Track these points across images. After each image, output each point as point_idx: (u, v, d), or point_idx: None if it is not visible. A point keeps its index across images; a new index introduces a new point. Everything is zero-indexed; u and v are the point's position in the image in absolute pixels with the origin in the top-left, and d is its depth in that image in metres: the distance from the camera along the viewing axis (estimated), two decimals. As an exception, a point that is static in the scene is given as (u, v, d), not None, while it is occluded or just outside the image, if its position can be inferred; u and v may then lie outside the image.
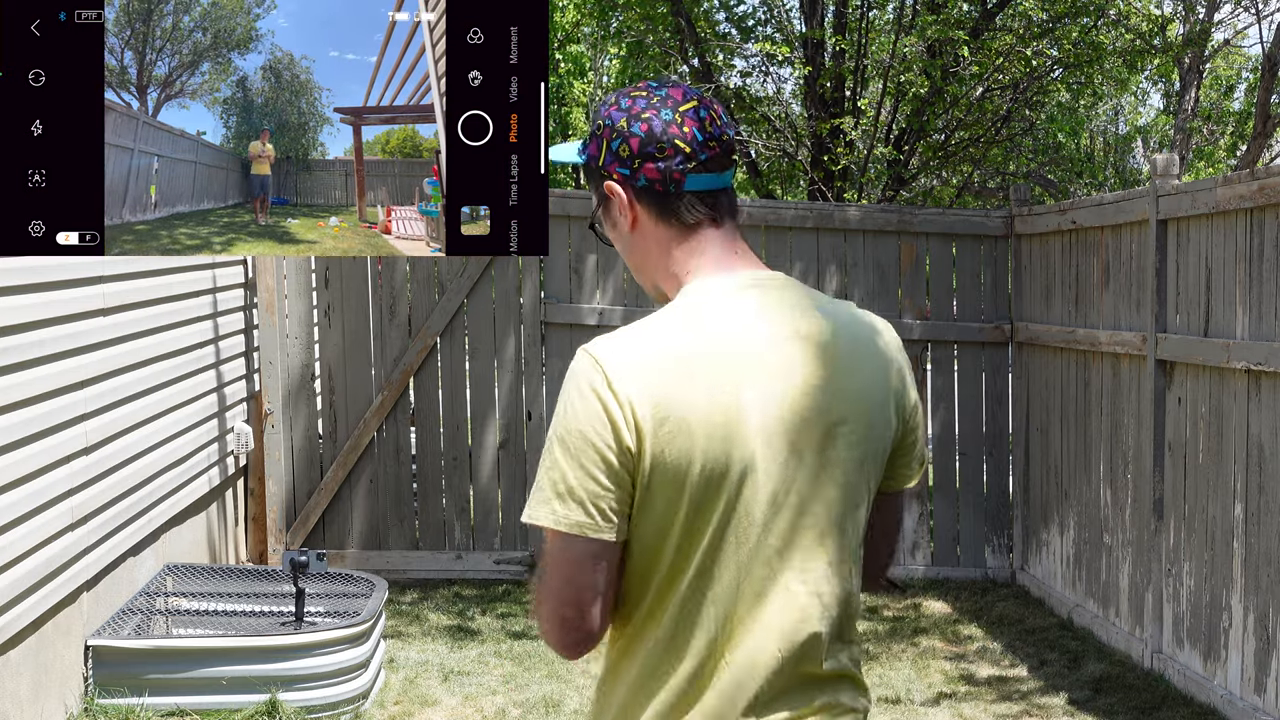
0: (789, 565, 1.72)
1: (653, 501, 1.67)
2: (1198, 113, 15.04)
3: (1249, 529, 5.08)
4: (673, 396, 1.65)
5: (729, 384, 1.68)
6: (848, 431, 1.75)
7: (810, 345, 1.74)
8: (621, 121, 1.78)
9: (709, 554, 1.69)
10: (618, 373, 1.66)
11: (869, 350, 1.81)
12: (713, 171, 1.78)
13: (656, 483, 1.66)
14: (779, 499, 1.70)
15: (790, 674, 1.72)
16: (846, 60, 10.34)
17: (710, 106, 1.81)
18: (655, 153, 1.76)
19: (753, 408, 1.68)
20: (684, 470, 1.66)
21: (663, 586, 1.71)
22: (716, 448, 1.66)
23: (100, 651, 4.93)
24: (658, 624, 1.72)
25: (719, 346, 1.70)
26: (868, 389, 1.78)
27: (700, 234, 1.79)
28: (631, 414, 1.65)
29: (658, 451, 1.65)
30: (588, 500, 1.65)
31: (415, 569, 7.43)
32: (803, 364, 1.72)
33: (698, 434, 1.65)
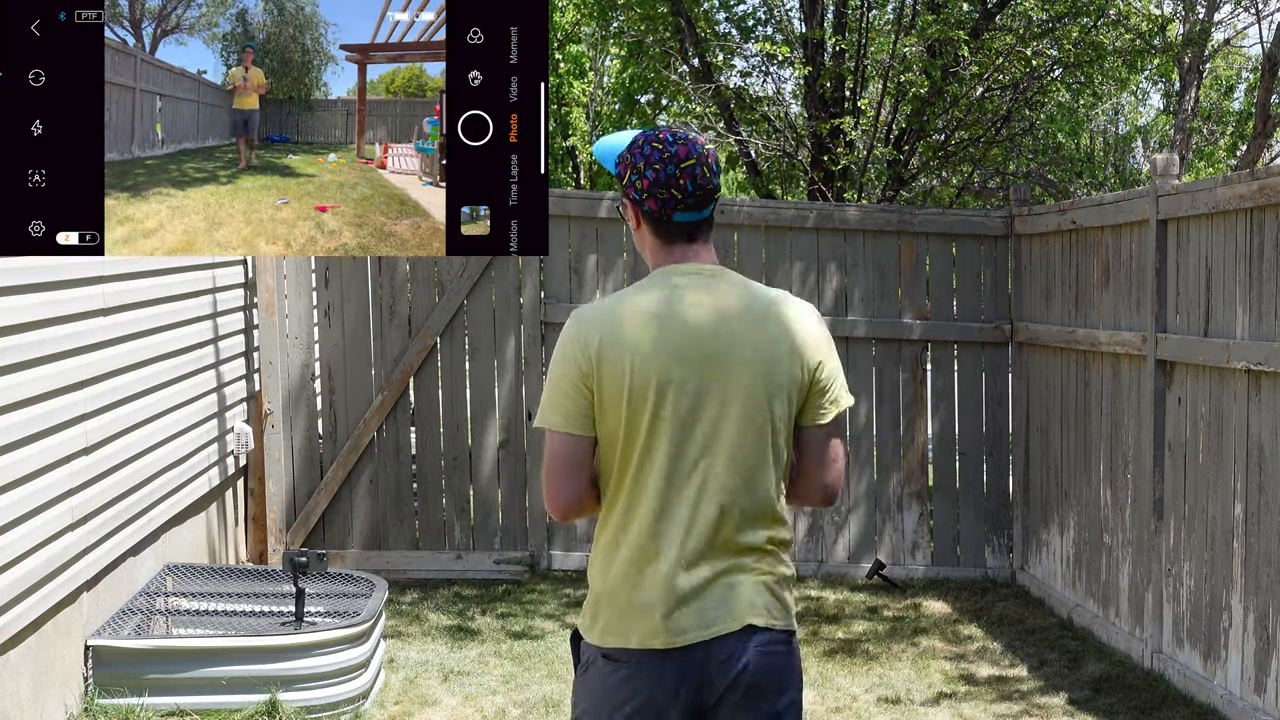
0: (706, 457, 2.47)
1: (605, 410, 2.47)
2: (1198, 113, 15.03)
3: (1249, 529, 5.08)
4: (618, 338, 2.46)
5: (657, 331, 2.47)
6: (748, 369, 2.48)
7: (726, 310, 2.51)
8: (640, 164, 2.52)
9: (645, 448, 2.47)
10: (585, 327, 2.50)
11: (778, 320, 2.53)
12: (694, 210, 2.54)
13: (606, 397, 2.46)
14: (695, 410, 2.47)
15: (711, 540, 2.47)
16: (846, 60, 10.34)
17: (706, 161, 2.52)
18: (658, 193, 2.51)
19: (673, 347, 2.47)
20: (622, 390, 2.45)
21: (619, 472, 2.50)
22: (643, 377, 2.45)
23: (100, 651, 4.93)
24: (618, 499, 2.51)
25: (657, 308, 2.50)
26: (770, 343, 2.50)
27: (677, 245, 2.58)
28: (592, 353, 2.46)
29: (604, 376, 2.46)
30: (570, 411, 2.48)
31: (415, 569, 7.43)
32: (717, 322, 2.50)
33: (630, 364, 2.45)
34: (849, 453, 7.69)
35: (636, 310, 2.50)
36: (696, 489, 2.47)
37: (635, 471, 2.48)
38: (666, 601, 2.45)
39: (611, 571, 2.51)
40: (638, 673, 2.47)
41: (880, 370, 7.71)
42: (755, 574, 2.50)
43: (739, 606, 2.47)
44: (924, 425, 7.73)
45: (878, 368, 7.71)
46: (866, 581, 7.54)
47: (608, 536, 2.53)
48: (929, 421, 7.75)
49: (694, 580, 2.46)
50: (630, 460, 2.48)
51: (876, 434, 7.73)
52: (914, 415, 7.71)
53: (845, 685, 5.69)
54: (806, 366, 2.52)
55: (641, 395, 2.45)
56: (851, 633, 6.54)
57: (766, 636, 2.49)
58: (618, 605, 2.50)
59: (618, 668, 2.49)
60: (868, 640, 6.40)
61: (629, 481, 2.48)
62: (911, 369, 7.71)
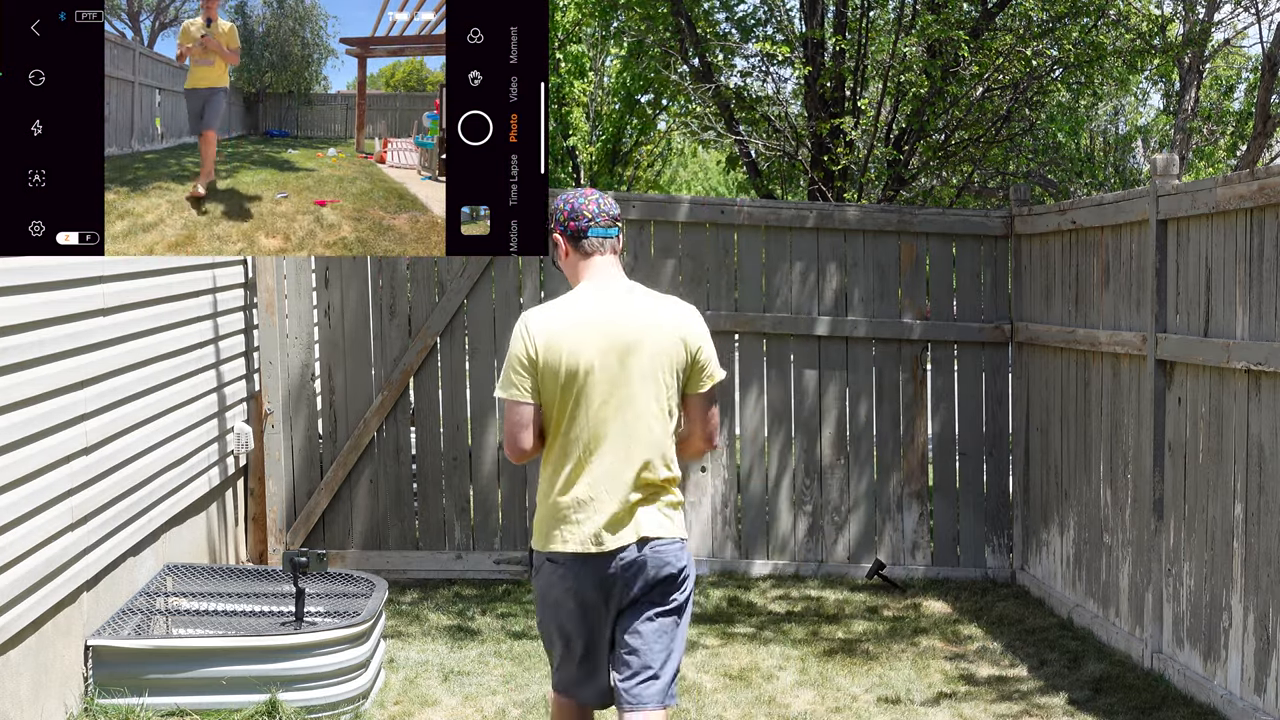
0: (620, 417, 3.48)
1: (544, 385, 3.49)
2: (1198, 113, 15.03)
3: (1249, 529, 5.08)
4: (554, 334, 3.48)
5: (582, 329, 3.48)
6: (645, 352, 3.50)
7: (634, 312, 3.53)
8: (559, 204, 3.61)
9: (574, 413, 3.48)
10: (531, 324, 3.51)
11: (670, 319, 3.56)
12: (605, 228, 3.61)
13: (544, 376, 3.48)
14: (612, 383, 3.47)
15: (622, 477, 3.49)
16: (846, 60, 10.34)
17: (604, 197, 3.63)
18: (575, 215, 3.59)
19: (593, 341, 3.47)
20: (556, 370, 3.47)
21: (555, 430, 3.52)
22: (571, 360, 3.46)
23: (100, 651, 4.93)
24: (556, 449, 3.53)
25: (581, 314, 3.51)
26: (665, 335, 3.52)
27: (592, 260, 3.60)
28: (534, 344, 3.48)
29: (543, 362, 3.47)
30: (519, 385, 3.50)
31: (415, 569, 7.43)
32: (627, 320, 3.51)
33: (563, 353, 3.46)
34: (849, 452, 7.69)
35: (569, 312, 3.52)
36: (613, 439, 3.48)
37: (568, 427, 3.49)
38: (592, 521, 3.48)
39: (550, 500, 3.53)
40: (570, 570, 3.51)
41: (880, 370, 7.71)
42: (653, 502, 3.53)
43: (641, 524, 3.50)
44: (924, 425, 7.73)
45: (878, 368, 7.71)
46: (866, 581, 7.54)
47: (548, 473, 3.55)
48: (929, 421, 7.75)
49: (611, 507, 3.48)
50: (564, 419, 3.49)
51: (876, 434, 7.73)
52: (914, 415, 7.71)
53: (845, 685, 5.69)
54: (689, 351, 3.56)
55: (572, 374, 3.46)
56: (851, 633, 6.54)
57: (660, 543, 3.53)
58: (557, 525, 3.51)
59: (557, 568, 3.53)
60: (868, 640, 6.40)
61: (563, 434, 3.50)
62: (911, 369, 7.71)
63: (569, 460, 3.48)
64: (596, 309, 3.50)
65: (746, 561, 7.67)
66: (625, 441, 3.46)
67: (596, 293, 3.53)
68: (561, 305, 3.53)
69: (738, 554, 7.70)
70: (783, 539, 7.70)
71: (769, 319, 7.63)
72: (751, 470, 7.71)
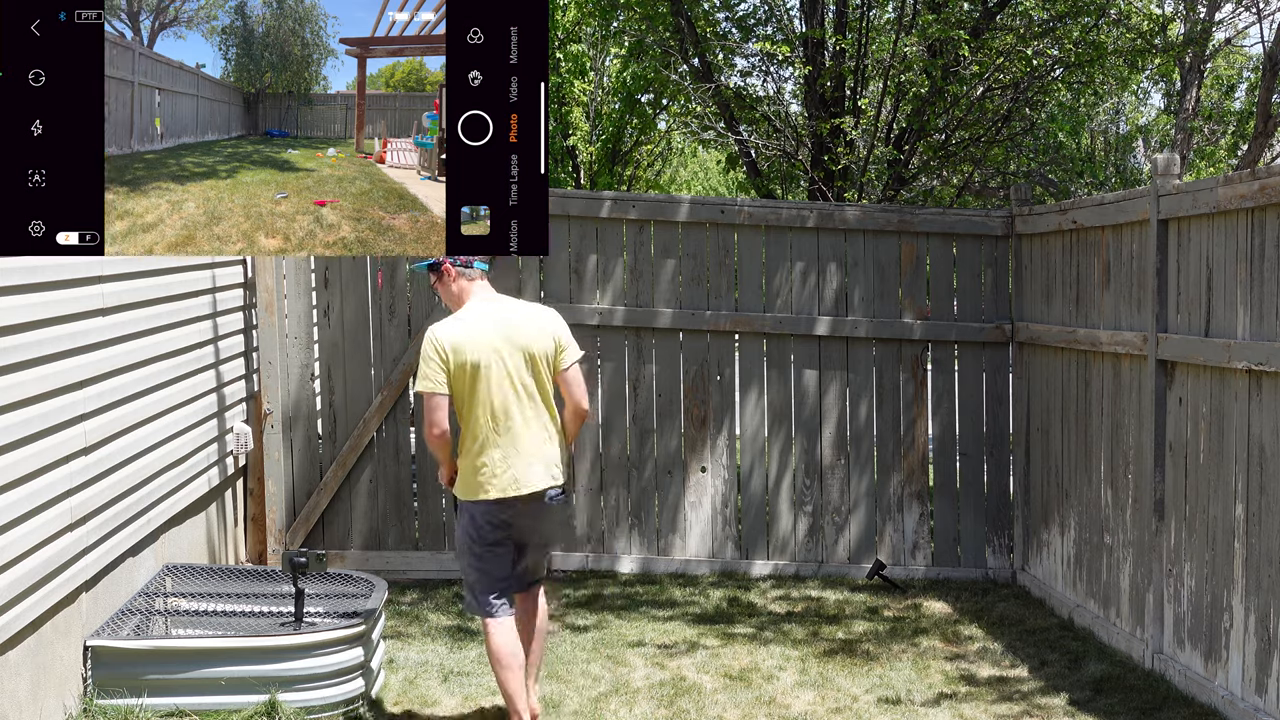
0: (517, 399, 4.70)
1: (453, 381, 4.68)
2: (1199, 112, 15.03)
3: (1250, 529, 5.08)
4: (460, 338, 4.68)
5: (477, 335, 4.69)
6: (529, 347, 4.73)
7: (513, 317, 4.79)
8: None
9: (481, 401, 4.67)
10: (440, 335, 4.70)
11: (539, 320, 4.83)
12: (483, 262, 4.90)
13: (453, 373, 4.67)
14: (504, 374, 4.69)
15: (521, 444, 4.71)
16: (847, 60, 10.33)
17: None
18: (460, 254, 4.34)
19: (490, 340, 4.70)
20: (463, 368, 4.66)
21: (466, 417, 4.71)
22: (472, 359, 4.66)
23: (99, 652, 4.93)
24: (467, 433, 4.72)
25: (473, 325, 4.72)
26: (538, 331, 4.79)
27: (475, 284, 4.86)
28: (444, 348, 4.67)
29: (454, 362, 4.66)
30: (434, 381, 4.67)
31: (415, 569, 7.43)
32: (510, 323, 4.76)
33: (466, 354, 4.67)
34: (849, 452, 7.68)
35: (467, 323, 4.72)
36: (512, 417, 4.69)
37: (478, 411, 4.68)
38: (502, 478, 4.70)
39: (468, 466, 4.73)
40: (489, 508, 4.73)
41: (880, 370, 7.70)
42: (547, 461, 4.77)
43: (539, 478, 4.74)
44: (924, 425, 7.73)
45: (878, 368, 7.70)
46: (867, 582, 7.54)
47: (465, 447, 4.73)
48: (929, 422, 7.74)
49: (518, 467, 4.70)
50: (474, 405, 4.68)
51: (877, 434, 7.73)
52: (914, 415, 7.71)
53: (845, 685, 5.69)
54: (556, 341, 4.82)
55: (474, 369, 4.66)
56: (852, 633, 6.54)
57: (553, 491, 4.80)
58: (479, 484, 4.72)
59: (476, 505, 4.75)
60: (868, 640, 6.39)
61: (473, 418, 4.69)
62: (912, 369, 7.71)
63: (480, 437, 4.67)
64: (489, 318, 4.74)
65: (747, 562, 7.67)
66: (525, 417, 4.70)
67: (480, 305, 4.79)
68: (461, 319, 4.75)
69: (738, 554, 7.69)
70: (783, 539, 7.70)
71: (769, 319, 7.63)
72: (752, 470, 7.71)
